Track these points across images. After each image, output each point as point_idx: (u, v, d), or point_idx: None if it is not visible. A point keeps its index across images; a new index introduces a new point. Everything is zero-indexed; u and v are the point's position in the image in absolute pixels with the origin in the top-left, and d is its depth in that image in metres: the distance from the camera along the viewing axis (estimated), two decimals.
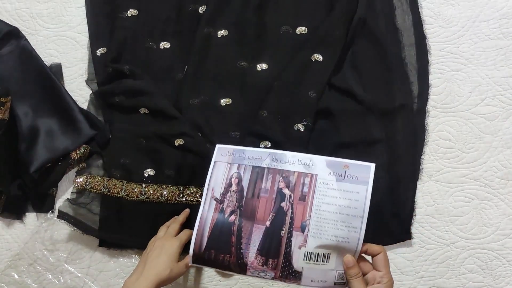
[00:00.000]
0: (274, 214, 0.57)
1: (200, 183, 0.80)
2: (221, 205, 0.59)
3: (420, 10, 0.87)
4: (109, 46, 0.87)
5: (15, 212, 0.83)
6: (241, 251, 0.57)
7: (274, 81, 0.83)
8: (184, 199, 0.79)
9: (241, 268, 0.58)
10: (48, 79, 0.85)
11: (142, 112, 0.84)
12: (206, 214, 0.59)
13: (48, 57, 0.90)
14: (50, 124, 0.83)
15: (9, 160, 0.80)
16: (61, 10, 0.92)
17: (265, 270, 0.57)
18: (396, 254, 0.78)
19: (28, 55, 0.87)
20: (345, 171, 0.57)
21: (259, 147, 0.79)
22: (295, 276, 0.56)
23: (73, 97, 0.86)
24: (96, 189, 0.81)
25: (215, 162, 0.62)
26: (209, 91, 0.85)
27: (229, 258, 0.58)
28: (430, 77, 0.84)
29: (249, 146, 0.78)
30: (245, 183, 0.59)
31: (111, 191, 0.81)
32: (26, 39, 0.88)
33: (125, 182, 0.81)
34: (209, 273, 0.80)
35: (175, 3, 0.89)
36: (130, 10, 0.89)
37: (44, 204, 0.83)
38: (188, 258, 0.62)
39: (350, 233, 0.55)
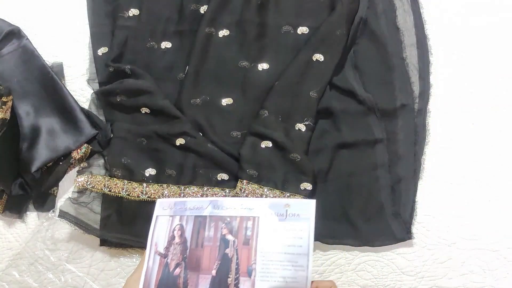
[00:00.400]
0: (219, 262, 0.56)
1: (201, 183, 0.80)
2: (166, 259, 0.58)
3: (421, 10, 0.87)
4: (110, 46, 0.87)
5: (16, 211, 0.83)
6: None
7: (275, 81, 0.83)
8: None
9: None
10: (49, 79, 0.85)
11: (143, 112, 0.84)
12: (151, 270, 0.58)
13: (49, 57, 0.90)
14: (52, 123, 0.83)
15: (11, 159, 0.80)
16: (62, 10, 0.92)
17: None
18: (397, 254, 0.78)
19: (30, 55, 0.87)
20: (287, 210, 0.56)
21: (260, 147, 0.79)
22: None
23: (75, 97, 0.85)
24: (97, 189, 0.81)
25: (157, 216, 0.60)
26: (210, 91, 0.85)
27: None
28: (431, 77, 0.84)
29: (250, 146, 0.79)
30: (188, 234, 0.58)
31: (112, 190, 0.81)
32: (27, 39, 0.88)
33: (126, 181, 0.81)
34: None
35: (176, 3, 0.89)
36: (132, 9, 0.89)
37: (45, 204, 0.83)
38: None
39: (297, 272, 0.53)
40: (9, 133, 0.79)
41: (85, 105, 0.87)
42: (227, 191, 0.79)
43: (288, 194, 0.77)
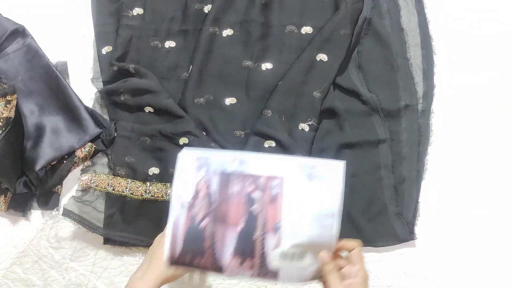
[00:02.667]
0: (245, 219, 0.56)
1: None
2: (192, 212, 0.57)
3: (425, 11, 0.87)
4: (114, 45, 0.88)
5: (21, 210, 0.83)
6: (215, 256, 0.57)
7: (279, 80, 0.83)
8: None
9: (218, 269, 0.58)
10: (53, 77, 0.85)
11: (147, 111, 0.84)
12: (177, 224, 0.58)
13: (53, 55, 0.90)
14: (56, 122, 0.84)
15: (15, 158, 0.81)
16: (67, 9, 0.92)
17: (242, 270, 0.57)
18: (400, 255, 0.78)
19: (34, 53, 0.87)
20: (314, 171, 0.55)
21: (263, 146, 0.79)
22: (272, 274, 0.56)
23: (79, 96, 0.86)
24: (101, 187, 0.81)
25: (182, 168, 0.59)
26: (214, 90, 0.85)
27: (205, 261, 0.58)
28: (435, 78, 0.84)
29: (253, 146, 0.79)
30: (213, 189, 0.57)
31: (116, 189, 0.81)
32: (32, 37, 0.89)
33: (129, 180, 0.82)
34: None
35: (180, 2, 0.89)
36: (136, 9, 0.89)
37: (49, 202, 0.83)
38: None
39: (323, 231, 0.54)
40: (13, 132, 0.80)
41: (89, 104, 0.87)
42: None
43: None
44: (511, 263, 0.78)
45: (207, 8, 0.88)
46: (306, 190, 0.55)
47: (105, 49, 0.88)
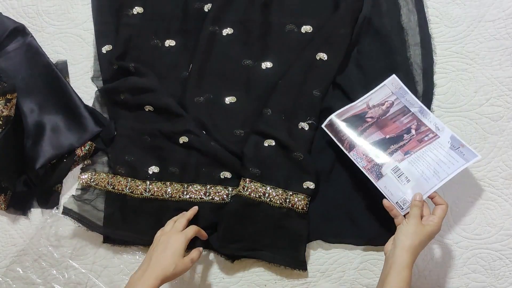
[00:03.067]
0: (394, 135, 0.76)
1: (204, 181, 0.80)
2: (368, 110, 0.78)
3: (425, 10, 0.87)
4: (114, 44, 0.88)
5: (21, 208, 0.84)
6: (360, 137, 0.76)
7: (278, 79, 0.83)
8: (188, 196, 0.80)
9: (349, 146, 0.76)
10: (53, 76, 0.85)
11: (147, 110, 0.85)
12: (356, 106, 0.79)
13: (54, 54, 0.90)
14: (56, 120, 0.84)
15: (15, 157, 0.81)
16: (67, 7, 0.92)
17: (362, 158, 0.75)
18: None
19: (34, 52, 0.87)
20: (459, 147, 0.72)
21: (263, 145, 0.79)
22: (377, 176, 0.73)
23: (79, 94, 0.86)
24: (101, 186, 0.81)
25: (384, 85, 0.79)
26: (214, 89, 0.85)
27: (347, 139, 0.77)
28: (435, 77, 0.84)
29: (253, 145, 0.79)
30: (391, 110, 0.78)
31: (116, 188, 0.81)
32: (32, 36, 0.89)
33: (129, 179, 0.82)
34: (213, 269, 0.80)
35: (180, 1, 0.89)
36: (136, 7, 0.89)
37: (49, 200, 0.84)
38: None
39: (433, 177, 0.71)
40: (13, 130, 0.80)
41: (89, 103, 0.87)
42: (230, 189, 0.80)
43: (291, 193, 0.77)
44: (511, 262, 0.77)
45: (207, 7, 0.88)
46: (445, 151, 0.73)
47: (105, 48, 0.89)
